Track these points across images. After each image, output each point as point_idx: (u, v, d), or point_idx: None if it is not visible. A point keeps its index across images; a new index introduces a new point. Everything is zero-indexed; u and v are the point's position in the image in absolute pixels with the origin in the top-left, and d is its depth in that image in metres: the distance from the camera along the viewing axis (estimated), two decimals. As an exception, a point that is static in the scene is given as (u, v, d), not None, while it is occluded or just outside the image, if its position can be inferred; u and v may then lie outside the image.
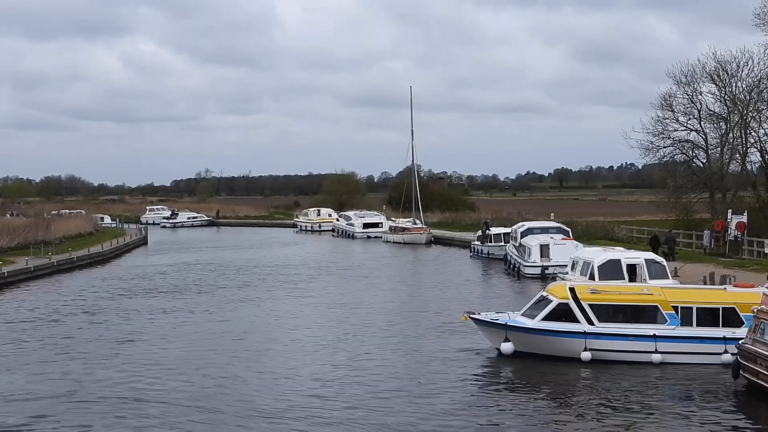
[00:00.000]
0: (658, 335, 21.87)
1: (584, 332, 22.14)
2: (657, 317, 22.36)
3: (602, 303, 22.64)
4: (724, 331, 21.81)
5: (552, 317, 22.66)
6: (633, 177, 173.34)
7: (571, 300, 22.67)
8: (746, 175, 55.58)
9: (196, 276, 46.71)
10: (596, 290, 23.10)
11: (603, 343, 22.05)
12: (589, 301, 22.59)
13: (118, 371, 22.02)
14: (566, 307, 22.64)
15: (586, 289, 23.13)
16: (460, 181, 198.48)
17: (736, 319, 21.96)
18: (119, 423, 17.33)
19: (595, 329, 22.21)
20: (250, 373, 21.76)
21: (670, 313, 22.26)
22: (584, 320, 22.41)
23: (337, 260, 58.16)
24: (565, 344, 22.28)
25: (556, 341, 22.40)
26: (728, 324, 21.99)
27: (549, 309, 22.80)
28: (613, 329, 22.19)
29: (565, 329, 22.36)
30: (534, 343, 22.68)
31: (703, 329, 22.02)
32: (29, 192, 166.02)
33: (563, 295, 22.85)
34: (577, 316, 22.49)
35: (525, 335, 22.74)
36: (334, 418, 17.37)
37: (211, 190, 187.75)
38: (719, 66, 53.85)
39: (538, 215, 68.00)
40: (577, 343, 22.12)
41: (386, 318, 30.67)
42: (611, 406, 18.42)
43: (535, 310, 23.34)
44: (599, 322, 22.34)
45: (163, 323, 30.19)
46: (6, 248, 52.43)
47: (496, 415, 17.76)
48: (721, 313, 22.13)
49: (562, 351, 22.34)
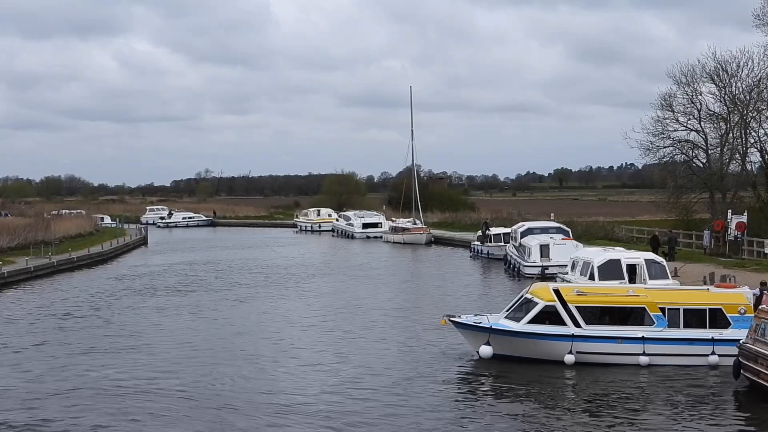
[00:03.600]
0: (646, 337, 21.62)
1: (572, 335, 21.80)
2: (644, 319, 22.07)
3: (589, 305, 22.30)
4: (711, 332, 21.61)
5: (538, 320, 22.22)
6: (633, 177, 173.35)
7: (558, 302, 22.26)
8: (746, 175, 55.56)
9: (196, 276, 46.69)
10: (582, 292, 22.75)
11: (591, 345, 21.73)
12: (576, 303, 22.20)
13: (118, 370, 22.00)
14: (552, 310, 22.21)
15: (571, 291, 22.76)
16: (460, 181, 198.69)
17: (722, 320, 21.80)
18: (119, 420, 17.31)
19: (582, 332, 21.88)
20: (243, 371, 21.79)
21: (657, 315, 21.99)
22: (571, 323, 22.02)
23: (336, 260, 58.15)
24: (553, 347, 21.90)
25: (544, 344, 22.01)
26: (715, 325, 21.78)
27: (535, 312, 22.30)
28: (601, 332, 21.88)
29: (552, 332, 21.97)
30: (520, 346, 22.23)
31: (690, 331, 21.79)
32: (29, 192, 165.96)
33: (549, 298, 22.38)
34: (563, 318, 22.07)
35: (510, 339, 22.27)
36: (313, 425, 17.09)
37: (210, 190, 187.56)
38: (719, 66, 53.89)
39: (538, 215, 67.96)
40: (564, 346, 21.76)
41: (383, 318, 30.64)
42: (612, 407, 18.40)
43: (519, 312, 22.82)
44: (586, 325, 21.98)
45: (162, 323, 30.17)
46: (6, 248, 52.36)
47: (486, 419, 17.56)
48: (707, 314, 21.93)
49: (549, 354, 21.93)
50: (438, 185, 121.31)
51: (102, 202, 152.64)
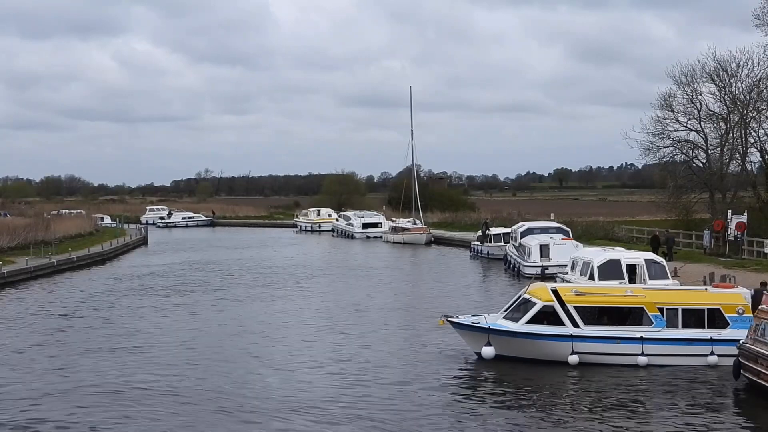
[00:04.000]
0: (645, 337, 21.57)
1: (571, 335, 21.73)
2: (643, 319, 22.03)
3: (587, 305, 22.25)
4: (710, 332, 21.58)
5: (536, 320, 22.15)
6: (633, 177, 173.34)
7: (556, 302, 22.20)
8: (746, 175, 55.57)
9: (196, 275, 46.69)
10: (580, 292, 22.70)
11: (590, 346, 21.67)
12: (575, 304, 22.14)
13: (118, 370, 21.98)
14: (551, 310, 22.16)
15: (570, 291, 22.70)
16: (460, 181, 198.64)
17: (721, 321, 21.77)
18: (120, 420, 17.30)
19: (581, 332, 21.81)
20: (243, 370, 21.82)
21: (656, 315, 21.95)
22: (570, 323, 21.96)
23: (336, 260, 58.17)
24: (552, 348, 21.85)
25: (543, 345, 21.95)
26: (713, 325, 21.76)
27: (533, 312, 22.24)
28: (601, 332, 21.84)
29: (551, 332, 21.93)
30: (518, 346, 22.16)
31: (689, 331, 21.76)
32: (29, 192, 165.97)
33: (547, 298, 22.32)
34: (562, 318, 22.01)
35: (509, 339, 22.19)
36: (310, 425, 17.05)
37: (211, 190, 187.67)
38: (719, 66, 53.92)
39: (538, 215, 67.99)
40: (563, 346, 21.70)
41: (382, 318, 30.66)
42: (612, 407, 18.40)
43: (517, 312, 22.73)
44: (585, 325, 21.93)
45: (163, 323, 30.16)
46: (6, 248, 52.36)
47: (485, 419, 17.54)
48: (706, 314, 21.90)
49: (548, 354, 21.87)
50: (438, 185, 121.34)
51: (102, 202, 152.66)
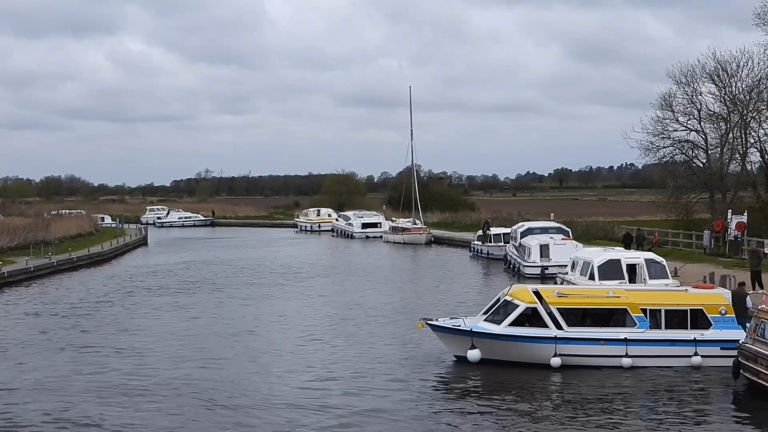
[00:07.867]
0: (629, 339, 21.37)
1: (555, 337, 21.45)
2: (626, 320, 21.82)
3: (570, 307, 21.98)
4: (693, 333, 21.47)
5: (518, 322, 21.85)
6: (633, 177, 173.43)
7: (539, 304, 21.90)
8: (746, 175, 55.58)
9: (197, 275, 46.69)
10: (563, 294, 22.51)
11: (574, 348, 21.43)
12: (558, 305, 21.85)
13: (118, 369, 21.99)
14: (534, 312, 21.88)
15: (552, 293, 22.43)
16: (460, 181, 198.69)
17: (704, 321, 21.65)
18: (120, 420, 17.30)
19: (565, 334, 21.55)
20: (243, 370, 21.83)
21: (639, 316, 21.73)
22: (553, 325, 21.67)
23: (336, 260, 58.19)
24: (535, 350, 21.54)
25: (526, 347, 21.64)
26: (696, 326, 21.62)
27: (516, 314, 21.90)
28: (584, 334, 21.60)
29: (534, 335, 21.63)
30: (501, 349, 21.80)
31: (672, 332, 21.60)
32: (29, 192, 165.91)
33: (530, 299, 21.99)
34: (545, 320, 21.71)
35: (492, 342, 21.82)
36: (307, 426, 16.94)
37: (210, 190, 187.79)
38: (719, 66, 53.91)
39: (538, 215, 68.06)
40: (547, 348, 21.43)
41: (381, 318, 30.59)
42: (611, 408, 18.37)
43: (498, 315, 22.32)
44: (568, 327, 21.67)
45: (163, 322, 30.18)
46: (6, 248, 52.39)
47: (469, 422, 17.37)
48: (689, 315, 21.76)
49: (531, 357, 21.55)
50: (438, 185, 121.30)
51: (102, 202, 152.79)
